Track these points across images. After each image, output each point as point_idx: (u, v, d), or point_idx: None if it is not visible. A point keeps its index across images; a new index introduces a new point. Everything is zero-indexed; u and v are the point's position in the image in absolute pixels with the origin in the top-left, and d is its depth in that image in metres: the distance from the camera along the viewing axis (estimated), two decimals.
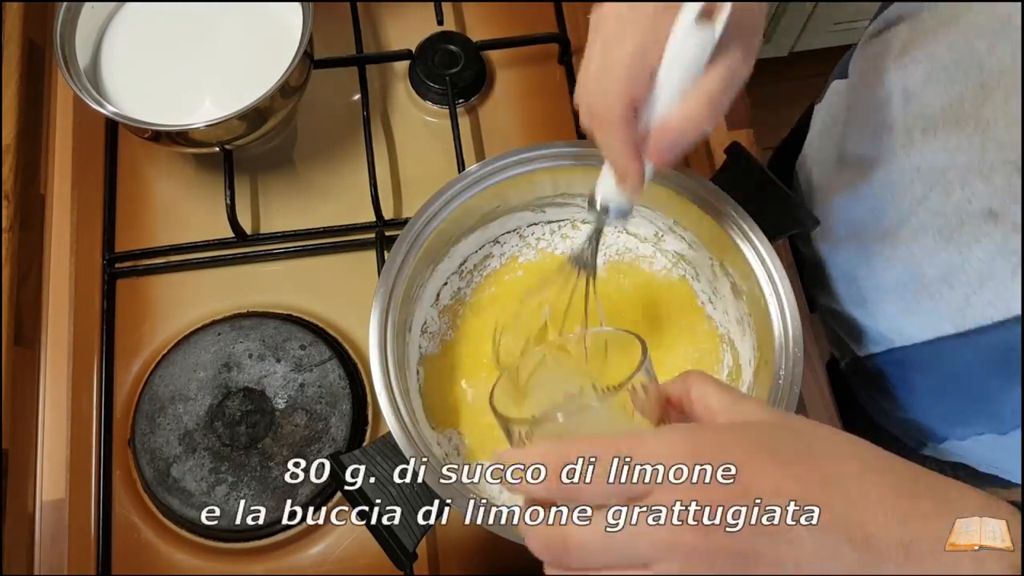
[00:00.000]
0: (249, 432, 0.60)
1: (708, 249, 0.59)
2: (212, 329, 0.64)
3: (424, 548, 0.60)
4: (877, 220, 0.56)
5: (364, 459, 0.48)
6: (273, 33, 0.65)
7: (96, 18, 0.65)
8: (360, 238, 0.68)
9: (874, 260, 0.58)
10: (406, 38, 0.75)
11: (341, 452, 0.48)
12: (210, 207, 0.68)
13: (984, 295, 0.49)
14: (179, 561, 0.60)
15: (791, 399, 0.50)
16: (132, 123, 0.60)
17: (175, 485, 0.59)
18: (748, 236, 0.54)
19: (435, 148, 0.72)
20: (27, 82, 0.68)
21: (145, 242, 0.68)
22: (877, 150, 0.54)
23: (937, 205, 0.50)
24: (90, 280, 0.66)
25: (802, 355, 0.51)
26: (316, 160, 0.72)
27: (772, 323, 0.53)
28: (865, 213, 0.58)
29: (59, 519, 0.60)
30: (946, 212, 0.49)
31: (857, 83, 0.60)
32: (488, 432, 0.58)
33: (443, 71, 0.72)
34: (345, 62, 0.72)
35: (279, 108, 0.64)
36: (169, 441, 0.60)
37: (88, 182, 0.69)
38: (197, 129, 0.60)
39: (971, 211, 0.47)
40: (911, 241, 0.53)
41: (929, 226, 0.51)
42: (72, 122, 0.71)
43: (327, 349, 0.63)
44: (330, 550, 0.60)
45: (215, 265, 0.68)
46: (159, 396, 0.62)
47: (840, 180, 0.61)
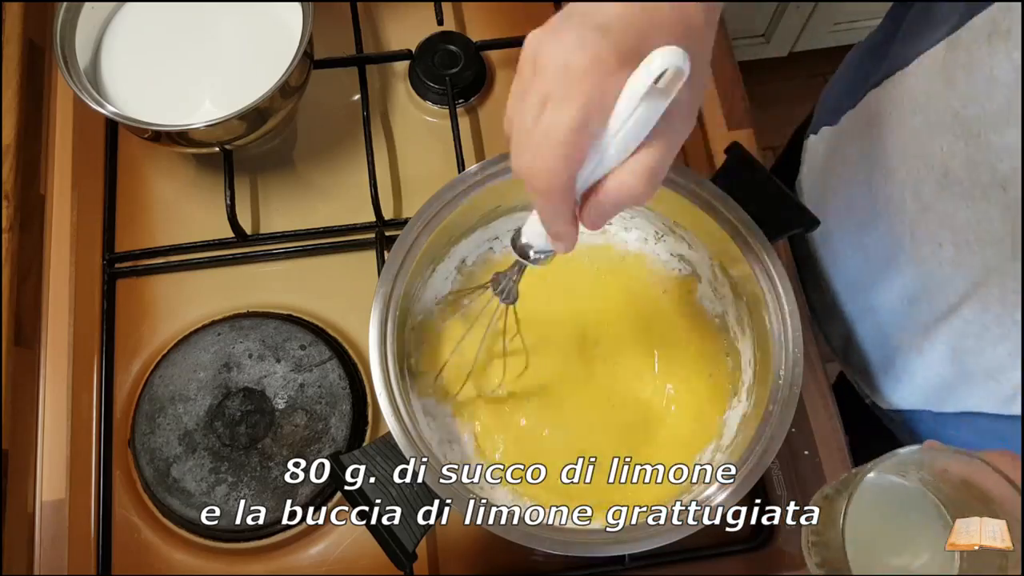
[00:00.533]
0: (249, 432, 0.60)
1: (708, 249, 0.59)
2: (212, 329, 0.64)
3: (424, 548, 0.60)
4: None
5: (364, 459, 0.48)
6: (273, 33, 0.65)
7: (96, 18, 0.65)
8: (360, 238, 0.68)
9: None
10: (406, 38, 0.75)
11: (341, 452, 0.48)
12: (210, 207, 0.68)
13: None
14: (179, 561, 0.60)
15: (791, 399, 0.50)
16: (132, 123, 0.60)
17: (175, 485, 0.59)
18: (748, 236, 0.54)
19: (435, 148, 0.72)
20: (27, 82, 0.68)
21: (145, 242, 0.68)
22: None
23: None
24: (90, 280, 0.66)
25: (802, 355, 0.51)
26: (316, 160, 0.72)
27: (772, 324, 0.53)
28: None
29: (59, 519, 0.60)
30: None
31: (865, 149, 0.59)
32: (487, 425, 0.58)
33: (443, 71, 0.72)
34: (345, 62, 0.72)
35: (279, 108, 0.64)
36: (169, 441, 0.60)
37: (88, 182, 0.69)
38: (197, 129, 0.60)
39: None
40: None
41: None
42: (72, 122, 0.71)
43: (327, 349, 0.63)
44: (330, 550, 0.60)
45: (215, 265, 0.67)
46: (159, 396, 0.62)
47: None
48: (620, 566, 0.59)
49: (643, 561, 0.59)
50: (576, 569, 0.60)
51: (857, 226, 0.60)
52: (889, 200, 0.55)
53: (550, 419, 0.58)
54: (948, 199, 0.49)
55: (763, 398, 0.51)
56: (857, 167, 0.59)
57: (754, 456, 0.49)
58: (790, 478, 0.62)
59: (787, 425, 0.49)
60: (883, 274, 0.58)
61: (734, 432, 0.55)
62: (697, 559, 0.60)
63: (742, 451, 0.50)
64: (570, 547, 0.47)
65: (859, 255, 0.61)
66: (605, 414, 0.58)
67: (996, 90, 0.43)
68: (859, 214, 0.59)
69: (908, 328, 0.58)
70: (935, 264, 0.52)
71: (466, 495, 0.47)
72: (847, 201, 0.61)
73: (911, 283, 0.55)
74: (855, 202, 0.60)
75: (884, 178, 0.55)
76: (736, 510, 0.51)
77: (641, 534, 0.47)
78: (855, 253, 0.62)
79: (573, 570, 0.60)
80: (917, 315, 0.56)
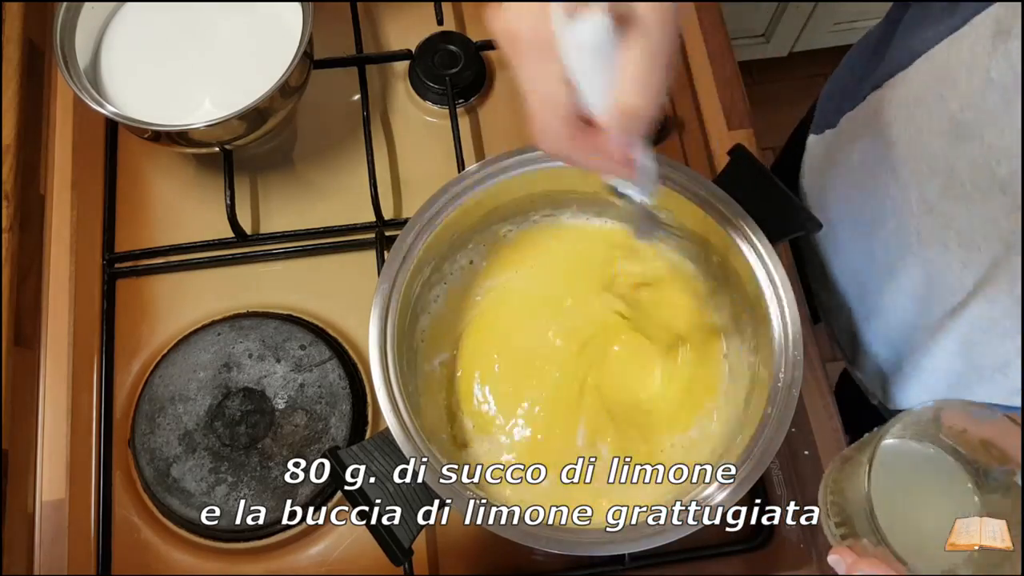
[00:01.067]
0: (249, 432, 0.60)
1: (709, 250, 0.59)
2: (212, 329, 0.64)
3: (424, 548, 0.60)
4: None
5: (363, 454, 0.47)
6: (273, 33, 0.65)
7: (96, 18, 0.65)
8: (360, 238, 0.68)
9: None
10: (406, 38, 0.75)
11: (339, 447, 0.48)
12: (210, 207, 0.68)
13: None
14: (179, 561, 0.60)
15: (790, 402, 0.50)
16: (132, 123, 0.60)
17: (175, 485, 0.59)
18: (750, 238, 0.54)
19: (435, 148, 0.72)
20: (27, 82, 0.68)
21: (145, 242, 0.68)
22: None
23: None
24: (90, 280, 0.66)
25: (802, 358, 0.51)
26: (316, 160, 0.72)
27: (772, 326, 0.52)
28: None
29: (59, 519, 0.60)
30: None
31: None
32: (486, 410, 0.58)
33: (443, 71, 0.72)
34: (345, 62, 0.72)
35: (279, 108, 0.64)
36: (169, 441, 0.60)
37: (88, 182, 0.69)
38: (197, 129, 0.60)
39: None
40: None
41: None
42: (72, 122, 0.71)
43: (327, 349, 0.63)
44: (330, 550, 0.60)
45: (215, 265, 0.67)
46: (159, 396, 0.62)
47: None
48: (620, 566, 0.59)
49: (643, 561, 0.59)
50: (576, 569, 0.60)
51: (862, 228, 0.60)
52: (894, 202, 0.55)
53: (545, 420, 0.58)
54: (952, 201, 0.49)
55: (762, 400, 0.51)
56: (860, 169, 0.59)
57: (753, 457, 0.49)
58: (790, 478, 0.62)
59: (786, 427, 0.49)
60: (890, 275, 0.58)
61: (734, 433, 0.55)
62: (697, 559, 0.60)
63: (741, 451, 0.50)
64: (570, 547, 0.47)
65: (865, 257, 0.61)
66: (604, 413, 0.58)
67: (993, 91, 0.43)
68: (864, 215, 0.59)
69: (918, 327, 0.58)
70: (943, 264, 0.52)
71: (466, 495, 0.47)
72: (850, 202, 0.61)
73: (919, 283, 0.55)
74: (859, 204, 0.60)
75: (889, 180, 0.55)
76: (736, 510, 0.51)
77: (641, 534, 0.47)
78: (861, 255, 0.62)
79: (573, 570, 0.60)
80: (927, 314, 0.56)
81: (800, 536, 0.61)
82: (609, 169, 0.42)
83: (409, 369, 0.57)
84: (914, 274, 0.55)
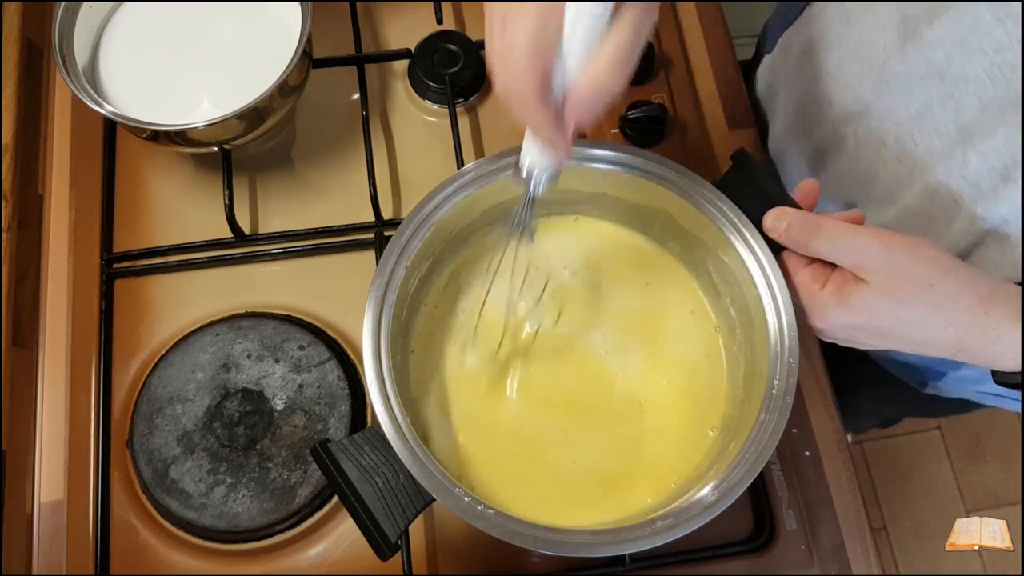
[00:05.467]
0: (247, 433, 0.60)
1: (708, 254, 0.59)
2: (210, 330, 0.64)
3: (423, 548, 0.60)
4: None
5: (353, 448, 0.47)
6: (272, 33, 0.65)
7: (94, 18, 0.65)
8: (359, 238, 0.68)
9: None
10: (405, 37, 0.75)
11: (329, 440, 0.47)
12: (208, 207, 0.68)
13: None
14: (177, 562, 0.59)
15: (784, 409, 0.50)
16: (130, 123, 0.60)
17: (173, 486, 0.59)
18: (749, 243, 0.54)
19: (435, 148, 0.71)
20: (25, 82, 0.68)
21: (143, 242, 0.68)
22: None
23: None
24: (88, 280, 0.66)
25: (797, 366, 0.51)
26: (315, 160, 0.71)
27: (769, 332, 0.52)
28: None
29: (57, 520, 0.60)
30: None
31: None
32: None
33: (442, 70, 0.72)
34: (344, 61, 0.72)
35: (278, 108, 0.64)
36: (167, 442, 0.60)
37: (86, 182, 0.69)
38: (195, 129, 0.60)
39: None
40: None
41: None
42: (70, 122, 0.71)
43: (326, 350, 0.63)
44: (328, 552, 0.60)
45: (213, 265, 0.67)
46: (157, 397, 0.61)
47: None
48: (620, 567, 0.59)
49: (644, 562, 0.59)
50: (576, 569, 0.60)
51: (807, 138, 0.63)
52: (832, 105, 0.58)
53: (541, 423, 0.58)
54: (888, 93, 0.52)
55: (755, 406, 0.51)
56: (802, 80, 0.62)
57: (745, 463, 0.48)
58: (790, 478, 0.62)
59: (779, 434, 0.49)
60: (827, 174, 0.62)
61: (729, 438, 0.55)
62: (697, 559, 0.60)
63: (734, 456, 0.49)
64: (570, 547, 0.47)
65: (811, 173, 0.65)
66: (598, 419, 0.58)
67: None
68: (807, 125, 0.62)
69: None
70: (879, 163, 0.56)
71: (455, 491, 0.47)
72: (795, 114, 0.65)
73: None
74: (801, 114, 0.63)
75: (828, 85, 0.58)
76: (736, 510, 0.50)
77: (641, 534, 0.47)
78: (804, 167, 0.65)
79: (573, 570, 0.60)
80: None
81: (801, 537, 0.61)
82: (547, 135, 0.43)
83: (403, 365, 0.57)
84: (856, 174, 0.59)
